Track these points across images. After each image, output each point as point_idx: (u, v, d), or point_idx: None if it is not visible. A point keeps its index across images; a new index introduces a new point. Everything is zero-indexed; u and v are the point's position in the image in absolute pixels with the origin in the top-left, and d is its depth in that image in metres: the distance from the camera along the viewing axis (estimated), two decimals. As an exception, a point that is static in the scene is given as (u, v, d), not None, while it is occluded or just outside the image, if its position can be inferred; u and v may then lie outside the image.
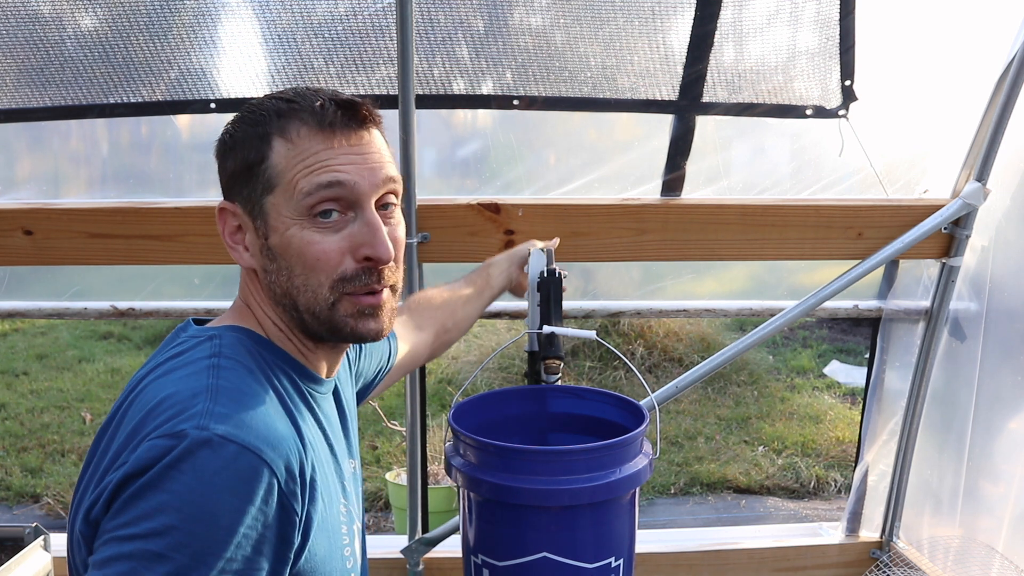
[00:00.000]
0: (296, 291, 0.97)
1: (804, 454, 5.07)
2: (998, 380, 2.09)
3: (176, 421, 0.84)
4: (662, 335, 6.12)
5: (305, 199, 0.93)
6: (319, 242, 0.95)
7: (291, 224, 0.95)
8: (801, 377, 6.42)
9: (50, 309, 2.11)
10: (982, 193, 2.01)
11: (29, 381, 6.15)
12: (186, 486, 0.80)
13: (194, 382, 0.89)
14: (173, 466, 0.80)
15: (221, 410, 0.85)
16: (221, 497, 0.81)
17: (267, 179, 0.95)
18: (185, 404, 0.86)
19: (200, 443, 0.81)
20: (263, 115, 0.96)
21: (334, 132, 0.94)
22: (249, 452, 0.83)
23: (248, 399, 0.89)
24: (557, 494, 1.20)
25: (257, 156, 0.95)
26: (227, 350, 0.95)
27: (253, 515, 0.82)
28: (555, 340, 1.53)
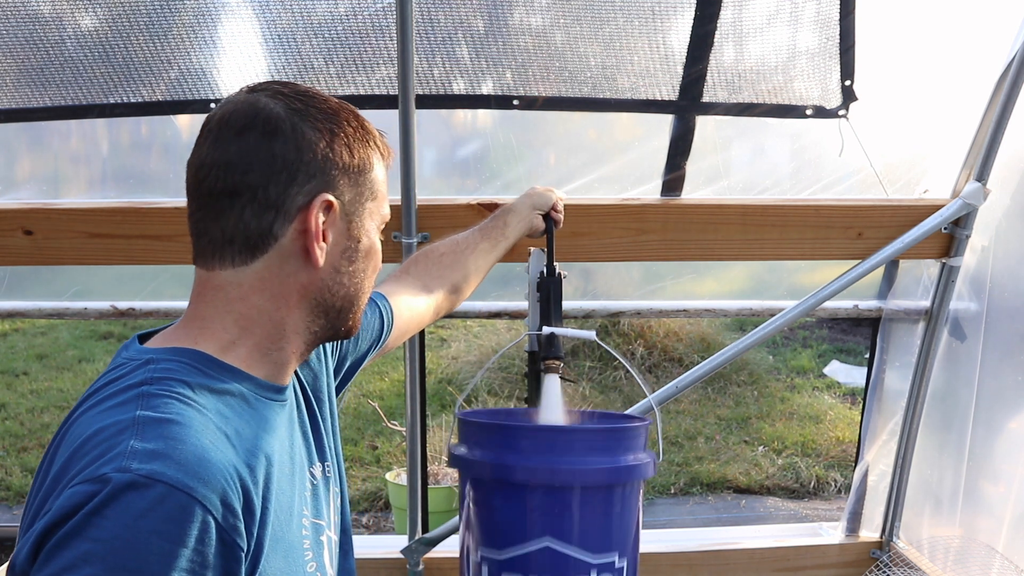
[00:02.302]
0: (361, 292, 1.03)
1: (804, 454, 5.07)
2: (998, 380, 2.09)
3: (99, 464, 0.79)
4: (662, 335, 6.12)
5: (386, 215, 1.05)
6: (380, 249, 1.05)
7: (375, 231, 1.03)
8: (801, 377, 6.42)
9: (50, 309, 2.11)
10: (982, 193, 2.01)
11: (29, 381, 6.15)
12: (110, 533, 0.75)
13: (119, 414, 0.84)
14: (96, 512, 0.76)
15: (147, 446, 0.80)
16: (150, 541, 0.76)
17: (371, 187, 1.00)
18: (110, 442, 0.81)
19: (123, 487, 0.77)
20: (364, 124, 1.01)
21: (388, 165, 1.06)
22: (178, 491, 0.78)
23: (177, 430, 0.83)
24: (559, 473, 1.20)
25: (368, 163, 1.00)
26: (160, 373, 0.89)
27: (188, 558, 0.78)
28: (555, 340, 1.53)
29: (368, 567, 2.20)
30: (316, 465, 1.09)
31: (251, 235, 0.93)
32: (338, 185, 0.96)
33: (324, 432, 1.14)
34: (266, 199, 0.92)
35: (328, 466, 1.13)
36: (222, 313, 0.95)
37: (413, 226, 1.90)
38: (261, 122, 0.92)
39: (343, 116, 0.97)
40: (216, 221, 0.94)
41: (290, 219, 0.94)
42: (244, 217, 0.93)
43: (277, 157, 0.92)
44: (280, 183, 0.92)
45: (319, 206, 0.94)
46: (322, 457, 1.11)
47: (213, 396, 0.91)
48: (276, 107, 0.93)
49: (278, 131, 0.92)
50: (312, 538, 1.00)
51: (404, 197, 1.87)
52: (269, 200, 0.92)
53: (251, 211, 0.93)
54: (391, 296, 1.41)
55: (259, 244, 0.94)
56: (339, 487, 1.16)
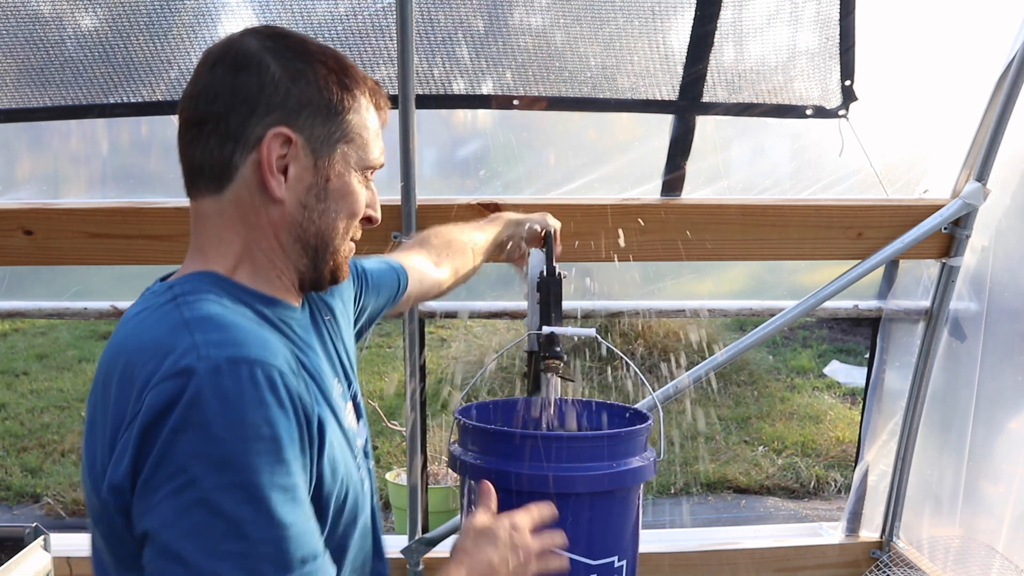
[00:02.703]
0: (333, 232, 1.02)
1: (804, 454, 5.07)
2: (998, 380, 2.09)
3: (174, 360, 0.83)
4: (662, 335, 6.12)
5: (369, 165, 1.03)
6: (361, 193, 1.04)
7: (353, 174, 1.02)
8: (801, 377, 6.42)
9: (50, 309, 2.11)
10: (982, 193, 2.01)
11: (29, 381, 6.15)
12: (217, 414, 0.80)
13: (165, 323, 0.89)
14: (195, 402, 0.80)
15: (210, 337, 0.85)
16: (252, 412, 0.81)
17: (346, 129, 1.00)
18: (170, 343, 0.85)
19: (210, 372, 0.81)
20: (346, 67, 1.01)
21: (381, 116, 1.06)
22: (256, 364, 0.84)
23: (227, 320, 0.89)
24: (560, 480, 1.20)
25: (340, 104, 0.99)
26: (187, 288, 0.95)
27: (285, 424, 0.83)
28: (555, 340, 1.53)
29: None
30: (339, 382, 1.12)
31: (215, 164, 0.98)
32: (301, 121, 0.97)
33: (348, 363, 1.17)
34: (227, 129, 0.96)
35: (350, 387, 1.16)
36: (215, 240, 1.00)
37: (413, 226, 1.90)
38: (231, 56, 0.96)
39: (319, 57, 0.99)
40: (190, 150, 1.00)
41: (248, 149, 0.96)
42: (209, 146, 0.97)
43: (240, 89, 0.95)
44: (240, 114, 0.95)
45: (274, 138, 0.96)
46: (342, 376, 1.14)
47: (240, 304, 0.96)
48: (250, 43, 0.97)
49: (244, 65, 0.95)
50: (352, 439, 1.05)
51: (404, 197, 1.87)
52: (229, 130, 0.96)
53: (214, 140, 0.97)
54: (405, 263, 1.47)
55: (223, 173, 0.98)
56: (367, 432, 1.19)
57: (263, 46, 0.96)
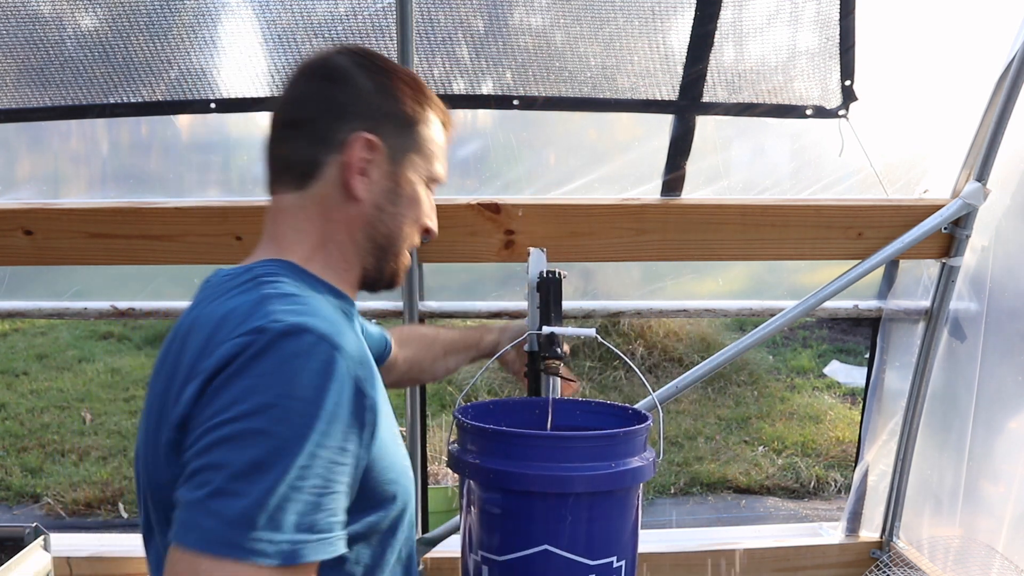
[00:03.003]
0: (400, 235, 1.12)
1: (804, 454, 5.07)
2: (998, 380, 2.09)
3: (251, 321, 0.90)
4: (662, 335, 6.13)
5: (434, 178, 1.15)
6: (426, 202, 1.15)
7: (419, 183, 1.12)
8: (801, 377, 6.43)
9: (50, 309, 2.11)
10: (982, 193, 2.01)
11: (29, 381, 6.16)
12: (273, 369, 0.86)
13: (248, 296, 0.96)
14: (257, 355, 0.86)
15: (291, 307, 0.92)
16: (308, 378, 0.86)
17: (417, 140, 1.11)
18: (251, 310, 0.92)
19: (280, 333, 0.88)
20: (421, 85, 1.12)
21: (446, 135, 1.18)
22: (325, 339, 0.89)
23: (306, 300, 0.96)
24: (559, 480, 1.20)
25: (415, 116, 1.11)
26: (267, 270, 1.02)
27: (335, 396, 0.88)
28: (555, 340, 1.53)
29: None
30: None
31: (304, 162, 1.07)
32: (383, 130, 1.08)
33: None
34: (317, 132, 1.07)
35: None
36: (294, 231, 1.09)
37: (413, 226, 1.90)
38: (326, 69, 1.08)
39: (399, 74, 1.11)
40: (279, 149, 1.09)
41: (335, 151, 1.06)
42: (299, 146, 1.07)
43: (332, 98, 1.07)
44: (330, 119, 1.06)
45: (360, 142, 1.06)
46: None
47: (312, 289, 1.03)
48: (342, 60, 1.09)
49: (337, 77, 1.07)
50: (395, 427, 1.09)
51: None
52: (319, 132, 1.06)
53: (304, 141, 1.07)
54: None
55: (309, 171, 1.07)
56: None
57: (353, 62, 1.08)
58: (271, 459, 0.83)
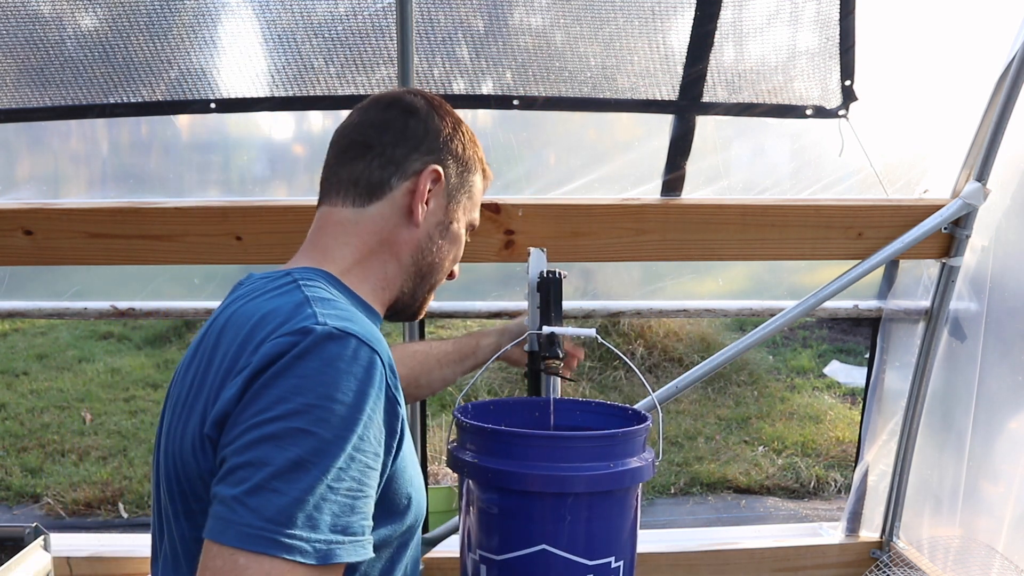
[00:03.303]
0: (441, 268, 1.21)
1: (804, 454, 5.07)
2: (998, 380, 2.09)
3: (295, 322, 0.92)
4: (662, 335, 6.13)
5: (473, 224, 1.25)
6: (462, 246, 1.24)
7: (462, 226, 1.23)
8: (801, 377, 6.43)
9: (50, 309, 2.11)
10: (982, 193, 2.01)
11: (29, 381, 6.16)
12: (316, 370, 0.88)
13: (289, 298, 0.98)
14: (301, 356, 0.89)
15: (332, 311, 0.95)
16: (348, 381, 0.89)
17: (470, 186, 1.22)
18: (293, 312, 0.95)
19: (324, 336, 0.90)
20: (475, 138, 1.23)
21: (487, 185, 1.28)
22: (366, 345, 0.92)
23: (344, 306, 1.00)
24: (558, 480, 1.21)
25: (472, 163, 1.22)
26: (306, 276, 1.06)
27: (372, 402, 0.90)
28: (555, 340, 1.53)
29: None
30: None
31: (372, 182, 1.14)
32: (448, 167, 1.17)
33: None
34: (391, 156, 1.14)
35: None
36: (341, 243, 1.13)
37: (413, 226, 1.90)
38: (404, 104, 1.17)
39: (464, 124, 1.22)
40: (348, 166, 1.15)
41: (405, 177, 1.14)
42: (371, 166, 1.14)
43: (409, 128, 1.15)
44: (406, 147, 1.14)
45: (429, 174, 1.15)
46: None
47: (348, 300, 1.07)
48: (417, 100, 1.17)
49: (415, 112, 1.16)
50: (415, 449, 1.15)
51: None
52: (394, 158, 1.14)
53: (378, 163, 1.14)
54: None
55: (376, 191, 1.14)
56: None
57: (427, 103, 1.18)
58: (311, 459, 0.84)
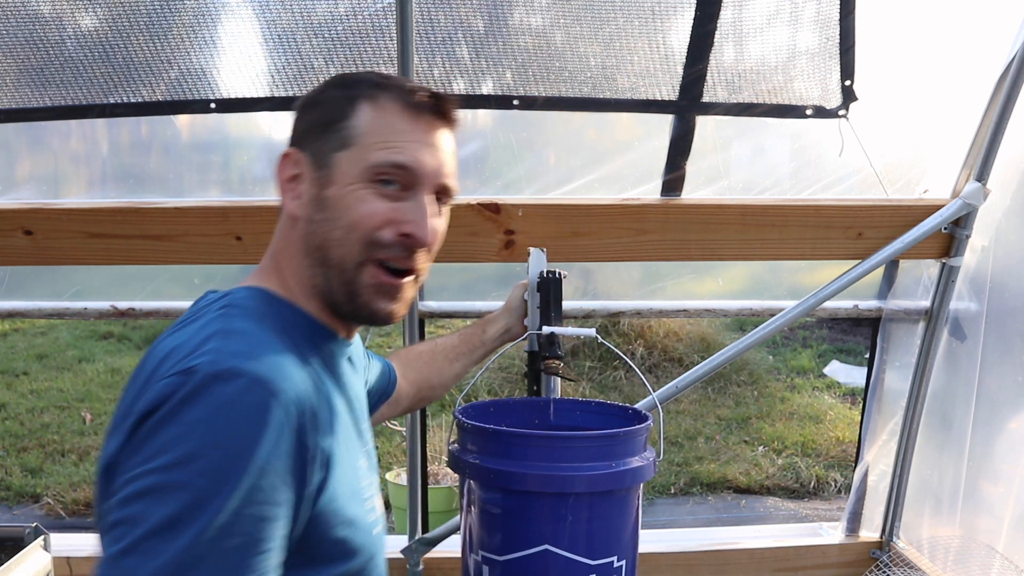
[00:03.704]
0: (332, 243, 1.00)
1: (804, 454, 5.07)
2: (998, 380, 2.09)
3: (186, 360, 0.85)
4: (662, 335, 6.12)
5: (374, 167, 0.99)
6: (371, 203, 1.00)
7: (354, 182, 1.00)
8: (801, 377, 6.42)
9: (50, 309, 2.11)
10: (982, 193, 2.01)
11: (29, 381, 6.15)
12: (201, 416, 0.81)
13: (203, 329, 0.91)
14: (186, 400, 0.82)
15: (232, 347, 0.87)
16: (236, 426, 0.82)
17: (344, 136, 1.01)
18: (196, 346, 0.87)
19: (212, 376, 0.83)
20: (357, 81, 1.04)
21: (419, 115, 1.02)
22: (260, 384, 0.84)
23: (259, 337, 0.91)
24: (559, 480, 1.21)
25: (340, 115, 1.01)
26: (238, 302, 0.98)
27: (268, 447, 0.83)
28: (555, 340, 1.53)
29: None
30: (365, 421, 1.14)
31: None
32: (307, 141, 1.04)
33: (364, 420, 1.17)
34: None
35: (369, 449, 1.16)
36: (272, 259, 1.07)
37: (413, 226, 1.90)
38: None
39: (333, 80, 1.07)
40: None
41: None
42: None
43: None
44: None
45: (282, 162, 1.05)
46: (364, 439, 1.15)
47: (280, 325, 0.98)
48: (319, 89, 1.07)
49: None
50: (368, 475, 1.05)
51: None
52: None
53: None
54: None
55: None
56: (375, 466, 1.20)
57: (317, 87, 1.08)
58: (189, 515, 0.78)
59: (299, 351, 0.96)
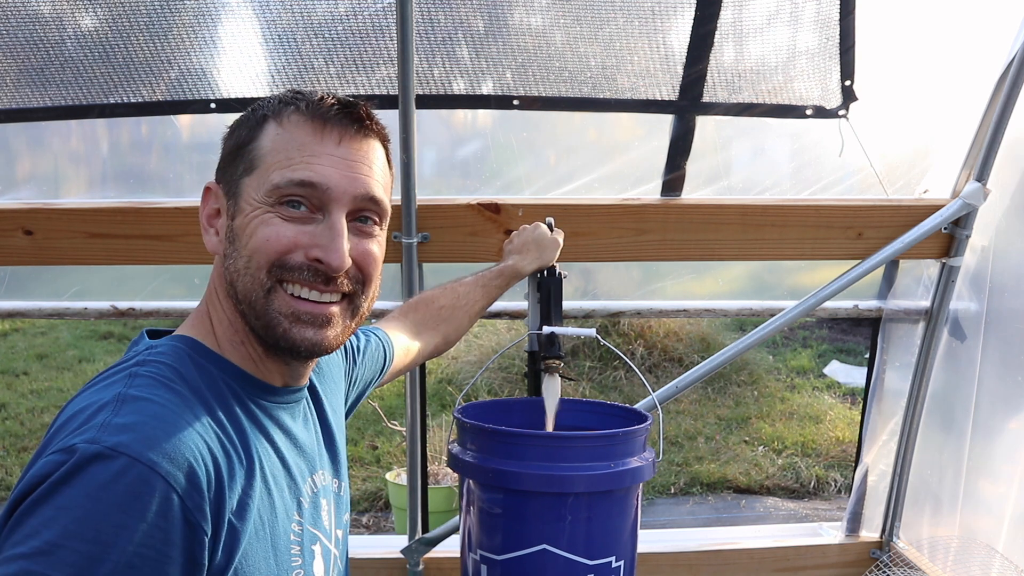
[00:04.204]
0: (239, 275, 0.93)
1: (804, 454, 5.07)
2: (998, 380, 2.09)
3: (72, 436, 0.80)
4: (662, 335, 6.12)
5: (276, 189, 0.91)
6: (275, 227, 0.91)
7: (258, 207, 0.92)
8: (801, 377, 6.42)
9: (50, 309, 2.11)
10: (982, 193, 2.01)
11: (29, 381, 6.15)
12: (73, 501, 0.76)
13: (105, 394, 0.85)
14: (63, 481, 0.77)
15: (119, 421, 0.81)
16: (109, 512, 0.76)
17: (250, 160, 0.94)
18: (88, 417, 0.82)
19: (89, 457, 0.77)
20: (268, 101, 0.96)
21: (325, 126, 0.92)
22: (140, 464, 0.78)
23: (154, 408, 0.84)
24: (558, 480, 1.21)
25: (248, 138, 0.95)
26: (154, 358, 0.90)
27: (145, 532, 0.77)
28: (555, 340, 1.53)
29: (368, 567, 2.20)
30: (322, 474, 1.07)
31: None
32: (221, 172, 0.99)
33: (337, 451, 1.13)
34: None
35: (341, 485, 1.12)
36: (204, 303, 0.99)
37: (413, 226, 1.91)
38: None
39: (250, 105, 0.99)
40: None
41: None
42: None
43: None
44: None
45: (204, 193, 1.00)
46: (336, 473, 1.11)
47: (203, 383, 0.91)
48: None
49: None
50: (302, 544, 0.98)
51: (404, 197, 1.87)
52: None
53: None
54: (390, 334, 1.43)
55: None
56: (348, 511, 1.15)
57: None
58: None
59: (217, 414, 0.90)
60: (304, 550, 0.98)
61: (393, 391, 5.65)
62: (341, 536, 1.10)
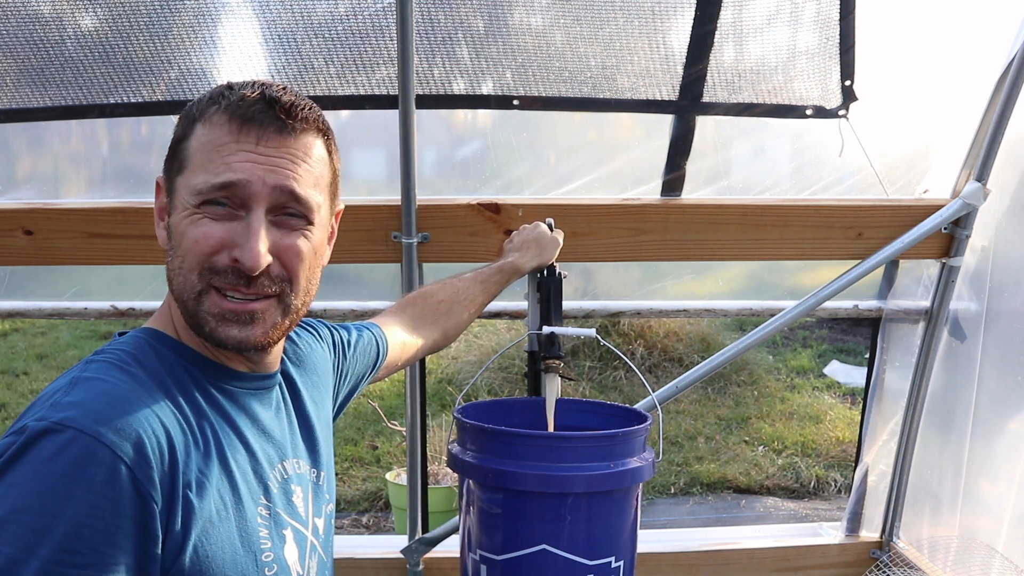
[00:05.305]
0: (175, 273, 0.95)
1: (804, 454, 5.07)
2: (998, 380, 2.09)
3: (24, 418, 0.83)
4: (662, 335, 6.12)
5: (199, 194, 0.92)
6: (203, 227, 0.92)
7: (188, 207, 0.93)
8: (801, 377, 6.42)
9: (50, 309, 2.11)
10: (982, 193, 2.01)
11: (29, 381, 6.15)
12: (20, 476, 0.78)
13: (61, 380, 0.88)
14: (13, 459, 0.79)
15: (68, 399, 0.83)
16: (55, 484, 0.77)
17: (181, 160, 0.94)
18: (42, 401, 0.85)
19: (37, 434, 0.79)
20: (199, 99, 0.96)
21: (244, 126, 0.92)
22: (86, 436, 0.79)
23: (104, 386, 0.86)
24: (558, 480, 1.21)
25: (181, 135, 0.95)
26: (113, 347, 0.93)
27: (92, 502, 0.78)
28: (555, 340, 1.53)
29: (368, 567, 2.20)
30: (295, 461, 1.08)
31: None
32: (165, 169, 0.98)
33: (315, 441, 1.13)
34: None
35: (320, 475, 1.12)
36: (168, 294, 1.00)
37: (413, 226, 1.90)
38: None
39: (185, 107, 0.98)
40: None
41: None
42: None
43: None
44: None
45: (157, 188, 1.00)
46: (315, 463, 1.11)
47: (162, 368, 0.94)
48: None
49: None
50: (271, 528, 0.98)
51: (404, 197, 1.87)
52: None
53: None
54: (386, 328, 1.43)
55: None
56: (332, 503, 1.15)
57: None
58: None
59: (175, 396, 0.91)
60: (273, 533, 0.98)
61: (393, 391, 5.65)
62: (322, 525, 1.10)
